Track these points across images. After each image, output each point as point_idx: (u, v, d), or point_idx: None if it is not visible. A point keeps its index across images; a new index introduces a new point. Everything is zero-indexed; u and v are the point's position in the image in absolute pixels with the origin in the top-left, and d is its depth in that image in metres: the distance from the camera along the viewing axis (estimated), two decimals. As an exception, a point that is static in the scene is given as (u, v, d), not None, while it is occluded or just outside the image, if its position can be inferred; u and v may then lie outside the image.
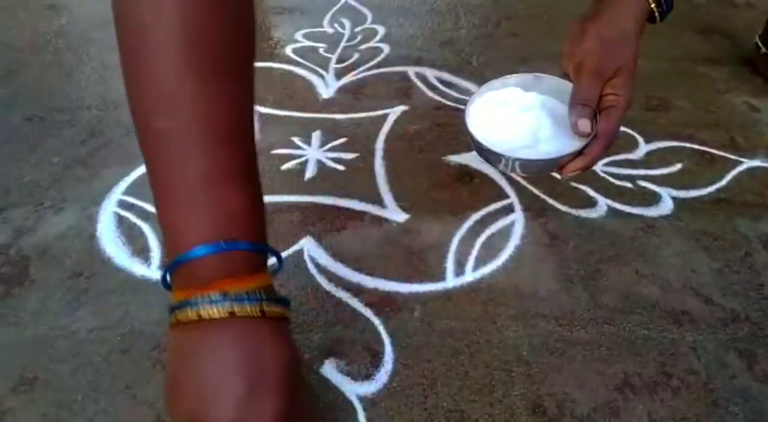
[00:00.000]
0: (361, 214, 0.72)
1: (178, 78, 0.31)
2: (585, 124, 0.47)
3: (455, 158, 0.81)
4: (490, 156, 0.50)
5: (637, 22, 0.49)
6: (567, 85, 0.51)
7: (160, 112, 0.31)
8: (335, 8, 1.23)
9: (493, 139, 0.50)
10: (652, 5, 0.49)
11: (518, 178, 0.77)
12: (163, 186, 0.32)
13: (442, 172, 0.79)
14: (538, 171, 0.54)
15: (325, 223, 0.71)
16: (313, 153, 0.82)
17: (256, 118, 0.91)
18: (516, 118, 0.52)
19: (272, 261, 0.37)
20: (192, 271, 0.32)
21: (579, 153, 0.48)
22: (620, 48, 0.48)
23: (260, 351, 0.31)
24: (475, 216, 0.72)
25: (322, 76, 1.00)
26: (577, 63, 0.50)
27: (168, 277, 0.34)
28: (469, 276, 0.64)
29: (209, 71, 0.31)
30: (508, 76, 0.54)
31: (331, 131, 0.86)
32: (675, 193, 0.75)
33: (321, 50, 1.07)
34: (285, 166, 0.80)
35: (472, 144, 0.51)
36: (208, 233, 0.31)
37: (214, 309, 0.30)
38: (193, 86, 0.31)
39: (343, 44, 1.09)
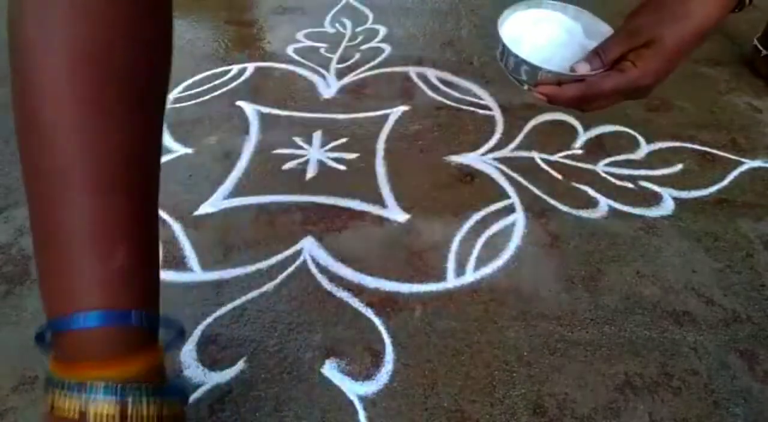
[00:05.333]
0: (362, 214, 0.72)
1: (60, 106, 0.26)
2: (582, 67, 0.43)
3: (456, 158, 0.81)
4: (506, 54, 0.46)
5: (719, 7, 0.41)
6: (603, 28, 0.48)
7: (42, 146, 0.27)
8: (336, 8, 1.23)
9: (509, 33, 0.47)
10: None
11: (518, 178, 0.77)
12: (44, 232, 0.28)
13: (443, 172, 0.79)
14: (525, 77, 0.49)
15: (326, 223, 0.71)
16: (314, 153, 0.82)
17: (257, 117, 0.88)
18: (545, 30, 0.49)
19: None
20: (76, 341, 0.27)
21: (557, 83, 0.45)
22: (668, 21, 0.42)
23: None
24: (476, 217, 0.72)
25: (323, 76, 1.00)
26: (627, 17, 0.44)
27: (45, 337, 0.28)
28: (470, 276, 0.64)
29: (98, 99, 0.26)
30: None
31: (332, 131, 0.86)
32: (676, 193, 0.75)
33: (322, 50, 1.08)
34: (286, 166, 0.80)
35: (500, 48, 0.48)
36: (96, 296, 0.27)
37: (101, 407, 0.25)
38: (77, 116, 0.26)
39: (344, 44, 1.09)
